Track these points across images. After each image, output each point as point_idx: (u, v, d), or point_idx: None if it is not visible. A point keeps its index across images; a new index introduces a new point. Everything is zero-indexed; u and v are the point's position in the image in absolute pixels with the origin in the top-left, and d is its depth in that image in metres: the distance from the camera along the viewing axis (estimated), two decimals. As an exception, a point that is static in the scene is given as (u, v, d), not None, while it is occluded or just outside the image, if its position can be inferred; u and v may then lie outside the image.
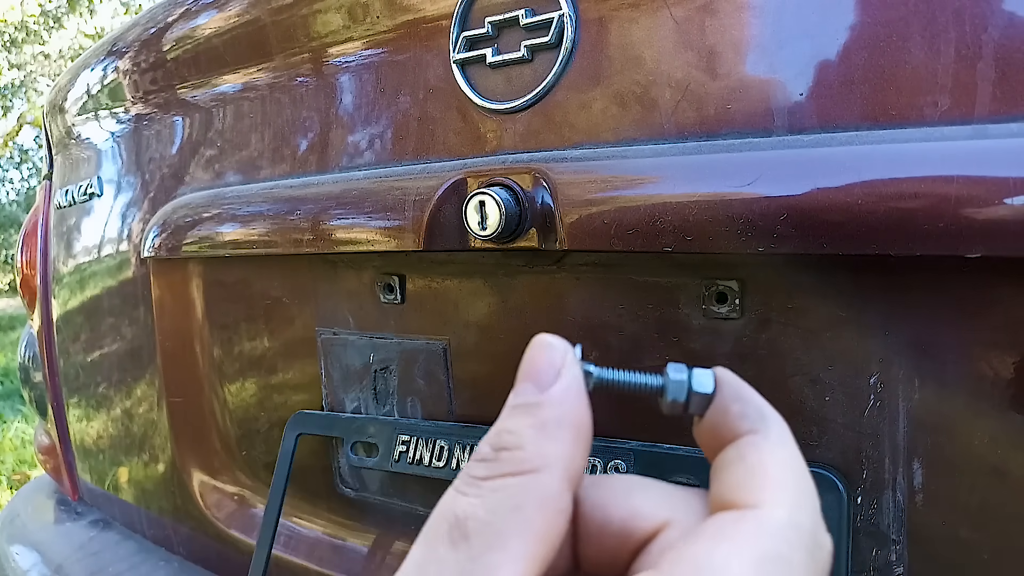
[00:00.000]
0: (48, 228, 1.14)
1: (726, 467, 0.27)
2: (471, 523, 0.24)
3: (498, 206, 0.54)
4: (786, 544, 0.24)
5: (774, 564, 0.23)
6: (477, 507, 0.24)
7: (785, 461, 0.27)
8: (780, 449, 0.28)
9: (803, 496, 0.26)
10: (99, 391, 1.06)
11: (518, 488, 0.24)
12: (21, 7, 10.38)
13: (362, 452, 0.74)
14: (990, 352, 0.44)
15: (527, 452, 0.25)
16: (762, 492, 0.26)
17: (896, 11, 0.44)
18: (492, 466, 0.25)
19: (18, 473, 3.20)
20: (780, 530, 0.24)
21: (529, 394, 0.27)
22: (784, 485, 0.26)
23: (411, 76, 0.65)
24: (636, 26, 0.53)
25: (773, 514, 0.25)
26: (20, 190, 14.20)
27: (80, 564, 0.98)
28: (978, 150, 0.40)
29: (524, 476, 0.25)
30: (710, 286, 0.53)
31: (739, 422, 0.28)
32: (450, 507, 0.25)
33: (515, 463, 0.25)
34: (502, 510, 0.24)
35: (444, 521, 0.24)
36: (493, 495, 0.24)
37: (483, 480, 0.25)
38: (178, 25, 0.84)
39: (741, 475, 0.26)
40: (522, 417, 0.26)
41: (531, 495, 0.24)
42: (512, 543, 0.23)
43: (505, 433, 0.26)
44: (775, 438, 0.28)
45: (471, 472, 0.26)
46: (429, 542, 0.24)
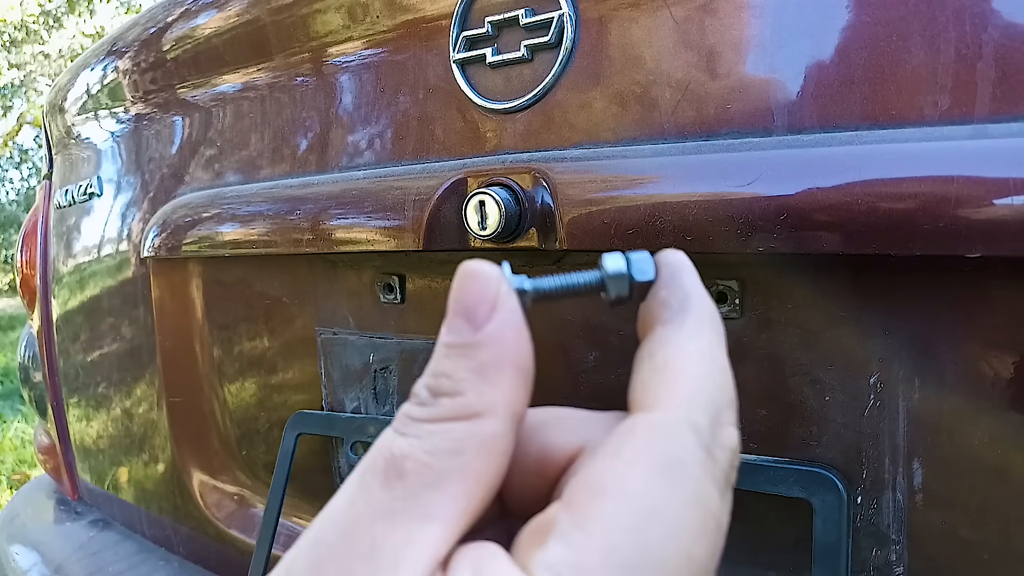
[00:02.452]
0: (48, 228, 1.14)
1: (639, 364, 0.26)
2: (408, 463, 0.23)
3: (498, 206, 0.54)
4: (681, 446, 0.23)
5: (670, 470, 0.23)
6: (416, 447, 0.23)
7: (693, 354, 0.26)
8: (692, 341, 0.26)
9: (705, 390, 0.25)
10: (99, 391, 1.06)
11: (459, 432, 0.23)
12: (21, 7, 10.38)
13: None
14: (990, 352, 0.44)
15: (467, 398, 0.24)
16: (660, 392, 0.25)
17: (896, 11, 0.44)
18: (431, 410, 0.24)
19: (18, 473, 3.20)
20: (675, 432, 0.23)
21: (463, 332, 0.25)
22: (685, 380, 0.25)
23: (411, 76, 0.65)
24: (636, 26, 0.53)
25: (667, 415, 0.24)
26: (20, 190, 14.20)
27: (80, 564, 0.98)
28: (978, 150, 0.40)
29: (465, 421, 0.24)
30: (710, 286, 0.53)
31: (660, 310, 0.27)
32: (387, 447, 0.24)
33: (455, 408, 0.24)
34: (441, 452, 0.23)
35: (380, 459, 0.23)
36: (432, 438, 0.23)
37: (421, 422, 0.24)
38: (178, 25, 0.84)
39: (647, 373, 0.26)
40: (458, 359, 0.24)
41: (472, 439, 0.23)
42: (449, 485, 0.23)
43: (443, 377, 0.24)
44: (689, 328, 0.26)
45: (409, 414, 0.24)
46: (363, 480, 0.23)
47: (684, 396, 0.24)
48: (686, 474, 0.23)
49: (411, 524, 0.22)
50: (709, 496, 0.23)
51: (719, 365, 0.26)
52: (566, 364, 0.61)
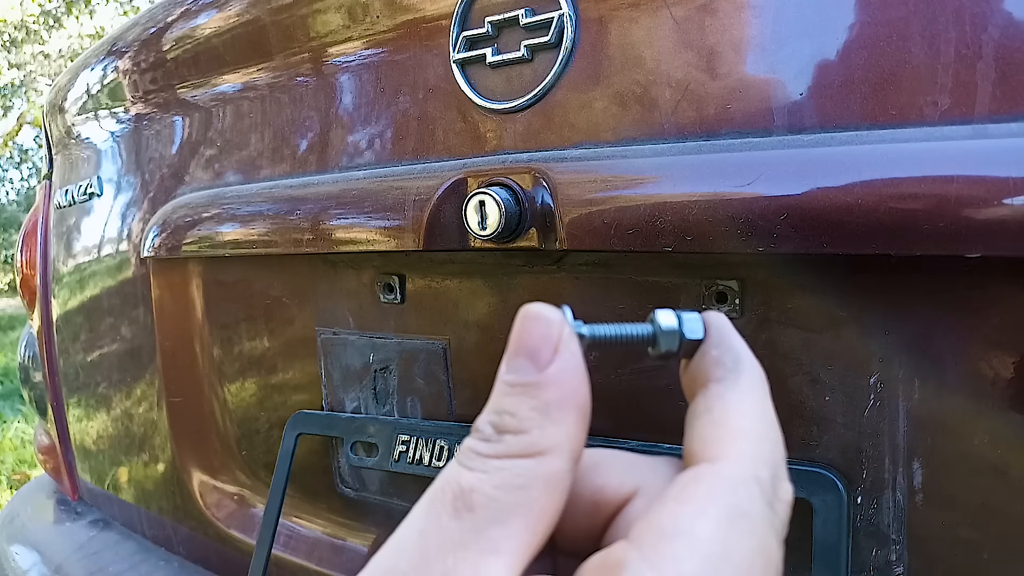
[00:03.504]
0: (48, 228, 1.14)
1: (696, 418, 0.28)
2: (476, 496, 0.24)
3: (498, 206, 0.54)
4: (748, 498, 0.24)
5: (738, 520, 0.24)
6: (484, 481, 0.24)
7: (750, 411, 0.27)
8: (747, 399, 0.27)
9: (765, 447, 0.26)
10: (99, 391, 1.06)
11: (525, 468, 0.24)
12: (21, 7, 10.38)
13: (362, 452, 0.74)
14: (990, 352, 0.44)
15: (532, 436, 0.25)
16: (724, 445, 0.26)
17: (896, 11, 0.44)
18: (497, 447, 0.25)
19: (18, 473, 3.20)
20: (741, 485, 0.25)
21: (526, 372, 0.26)
22: (746, 437, 0.26)
23: (411, 76, 0.65)
24: (636, 26, 0.53)
25: (734, 469, 0.25)
26: (20, 190, 14.20)
27: (80, 564, 0.98)
28: (978, 150, 0.40)
29: (531, 459, 0.25)
30: (710, 286, 0.53)
31: (714, 368, 0.28)
32: (455, 479, 0.25)
33: (521, 446, 0.25)
34: (508, 487, 0.24)
35: (448, 491, 0.24)
36: (499, 473, 0.24)
37: (488, 457, 0.25)
38: (178, 25, 0.84)
39: (706, 427, 0.27)
40: (522, 398, 0.26)
41: (537, 476, 0.24)
42: (515, 519, 0.24)
43: (507, 415, 0.26)
44: (744, 387, 0.28)
45: (475, 449, 0.25)
46: (431, 510, 0.24)
47: (747, 451, 0.26)
48: (753, 525, 0.24)
49: (480, 557, 0.23)
50: (771, 546, 0.24)
51: (773, 423, 0.28)
52: (566, 364, 0.61)
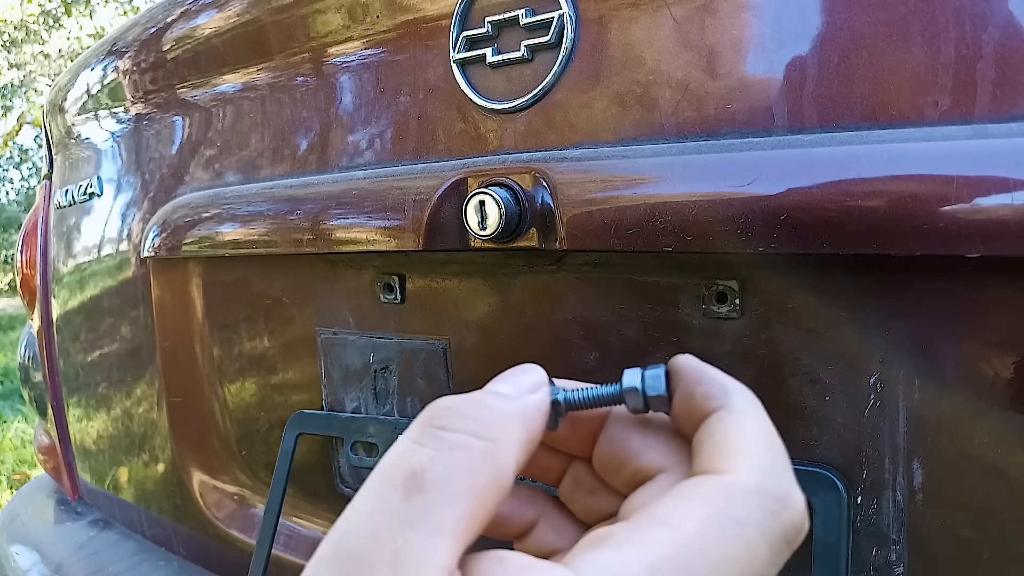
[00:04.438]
0: (48, 228, 1.14)
1: (701, 446, 0.29)
2: (428, 476, 0.24)
3: (498, 206, 0.54)
4: (742, 508, 0.26)
5: (726, 525, 0.25)
6: (436, 461, 0.25)
7: (749, 430, 0.29)
8: (744, 419, 0.29)
9: (770, 462, 0.28)
10: (99, 391, 1.06)
11: (478, 453, 0.26)
12: (21, 7, 10.37)
13: (362, 452, 0.74)
14: (990, 352, 0.44)
15: (492, 422, 0.27)
16: (728, 460, 0.28)
17: (896, 11, 0.44)
18: (456, 421, 0.26)
19: (18, 473, 3.20)
20: (739, 494, 0.26)
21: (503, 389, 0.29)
22: (749, 452, 0.28)
23: (411, 76, 0.65)
24: (636, 26, 0.53)
25: (735, 479, 0.27)
26: (20, 190, 14.20)
27: (80, 564, 0.98)
28: (978, 150, 0.40)
29: (485, 442, 0.26)
30: (710, 286, 0.53)
31: (705, 403, 0.30)
32: (406, 459, 0.25)
33: (480, 426, 0.26)
34: (460, 470, 0.25)
35: (400, 472, 0.25)
36: (452, 453, 0.25)
37: (442, 432, 0.26)
38: (178, 25, 0.84)
39: (712, 449, 0.29)
40: (495, 399, 0.28)
41: (488, 463, 0.26)
42: (463, 503, 0.24)
43: (475, 402, 0.27)
44: (739, 408, 0.30)
45: (431, 422, 0.26)
46: (381, 491, 0.25)
47: (750, 464, 0.27)
48: (740, 532, 0.25)
49: (428, 537, 0.23)
50: (757, 555, 0.26)
51: (774, 436, 0.29)
52: (566, 364, 0.61)
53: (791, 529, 0.27)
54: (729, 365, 0.53)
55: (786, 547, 0.27)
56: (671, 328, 0.55)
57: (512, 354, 0.64)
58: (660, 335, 0.56)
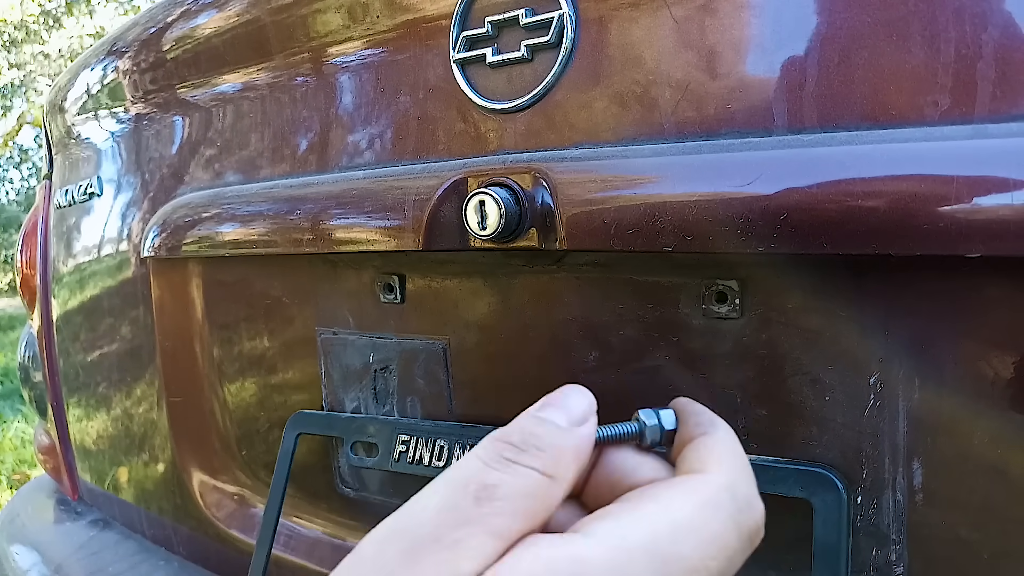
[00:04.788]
0: (48, 228, 1.14)
1: (686, 457, 0.36)
2: (500, 491, 0.30)
3: (498, 206, 0.54)
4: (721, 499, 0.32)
5: (709, 508, 0.31)
6: (507, 481, 0.30)
7: (728, 449, 0.36)
8: (724, 442, 0.36)
9: (741, 472, 0.35)
10: (99, 391, 1.06)
11: (540, 484, 0.31)
12: (21, 7, 10.37)
13: (362, 452, 0.74)
14: (990, 352, 0.44)
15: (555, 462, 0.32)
16: (708, 464, 0.34)
17: (896, 11, 0.44)
18: (522, 455, 0.31)
19: (18, 473, 3.20)
20: (717, 488, 0.33)
21: (559, 419, 0.34)
22: (725, 462, 0.34)
23: (411, 76, 0.65)
24: (636, 26, 0.53)
25: (715, 477, 0.33)
26: (20, 190, 14.21)
27: (80, 564, 0.98)
28: (978, 150, 0.40)
29: (545, 478, 0.31)
30: (710, 286, 0.53)
31: (695, 428, 0.37)
32: (479, 474, 0.31)
33: (543, 463, 0.31)
34: (524, 493, 0.30)
35: (473, 481, 0.30)
36: (519, 479, 0.30)
37: (511, 463, 0.31)
38: (178, 25, 0.84)
39: (695, 457, 0.35)
40: (554, 433, 0.33)
41: (543, 493, 0.31)
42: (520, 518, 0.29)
43: (535, 436, 0.32)
44: (721, 436, 0.37)
45: (500, 451, 0.32)
46: (452, 493, 0.30)
47: (726, 471, 0.34)
48: (720, 517, 0.32)
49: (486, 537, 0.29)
50: (730, 537, 0.32)
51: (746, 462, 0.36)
52: (566, 364, 0.61)
53: (754, 528, 0.33)
54: (729, 365, 0.53)
55: (749, 543, 0.33)
56: (671, 328, 0.55)
57: (512, 354, 0.64)
58: (660, 335, 0.56)
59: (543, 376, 0.62)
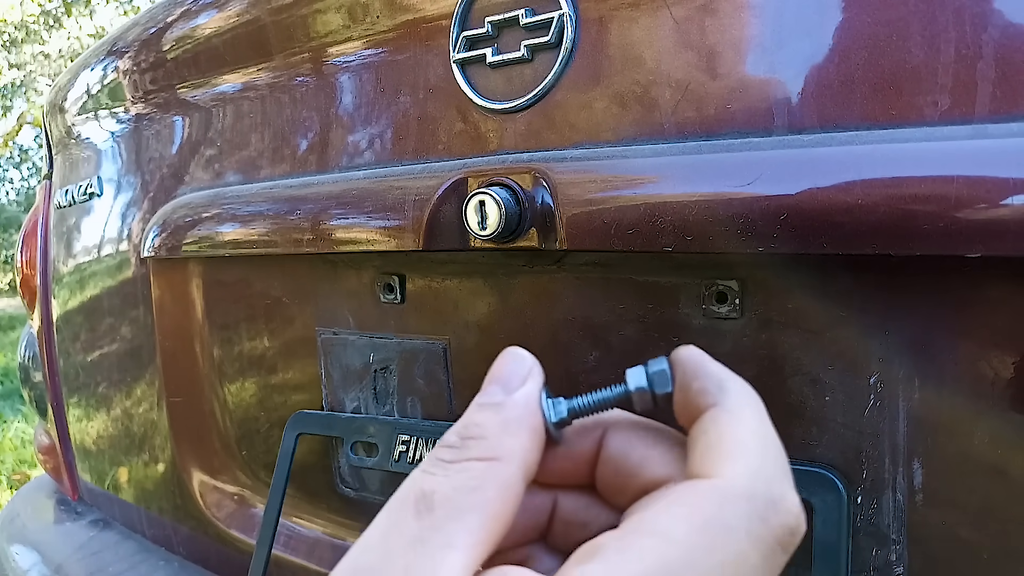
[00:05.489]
0: (48, 228, 1.14)
1: (695, 443, 0.29)
2: (436, 496, 0.27)
3: (498, 206, 0.54)
4: (733, 514, 0.26)
5: (716, 532, 0.26)
6: (443, 484, 0.27)
7: (744, 429, 0.29)
8: (739, 417, 0.29)
9: (762, 465, 0.28)
10: (99, 391, 1.06)
11: (481, 471, 0.27)
12: (21, 7, 10.37)
13: (362, 452, 0.74)
14: (990, 352, 0.44)
15: (491, 442, 0.28)
16: (720, 464, 0.28)
17: (896, 11, 0.44)
18: (458, 452, 0.28)
19: (18, 473, 3.20)
20: (729, 500, 0.26)
21: (496, 395, 0.30)
22: (741, 455, 0.28)
23: (411, 76, 0.65)
24: (636, 26, 0.53)
25: (726, 484, 0.27)
26: (20, 190, 14.20)
27: (80, 564, 0.98)
28: (978, 150, 0.40)
29: (487, 462, 0.28)
30: (710, 286, 0.53)
31: (701, 398, 0.30)
32: (417, 483, 0.28)
33: (479, 450, 0.28)
34: (465, 488, 0.27)
35: (411, 494, 0.27)
36: (458, 475, 0.27)
37: (449, 463, 0.28)
38: (178, 25, 0.84)
39: (703, 450, 0.29)
40: (488, 413, 0.29)
41: (491, 479, 0.27)
42: (470, 517, 0.26)
43: (472, 425, 0.29)
44: (734, 407, 0.29)
45: (438, 456, 0.29)
46: (394, 513, 0.27)
47: (742, 469, 0.27)
48: (729, 539, 0.26)
49: (438, 551, 0.25)
50: (747, 561, 0.26)
51: (770, 436, 0.29)
52: (566, 364, 0.61)
53: (784, 533, 0.27)
54: (729, 365, 0.53)
55: (780, 551, 0.27)
56: (671, 328, 0.55)
57: (512, 354, 0.64)
58: (660, 335, 0.56)
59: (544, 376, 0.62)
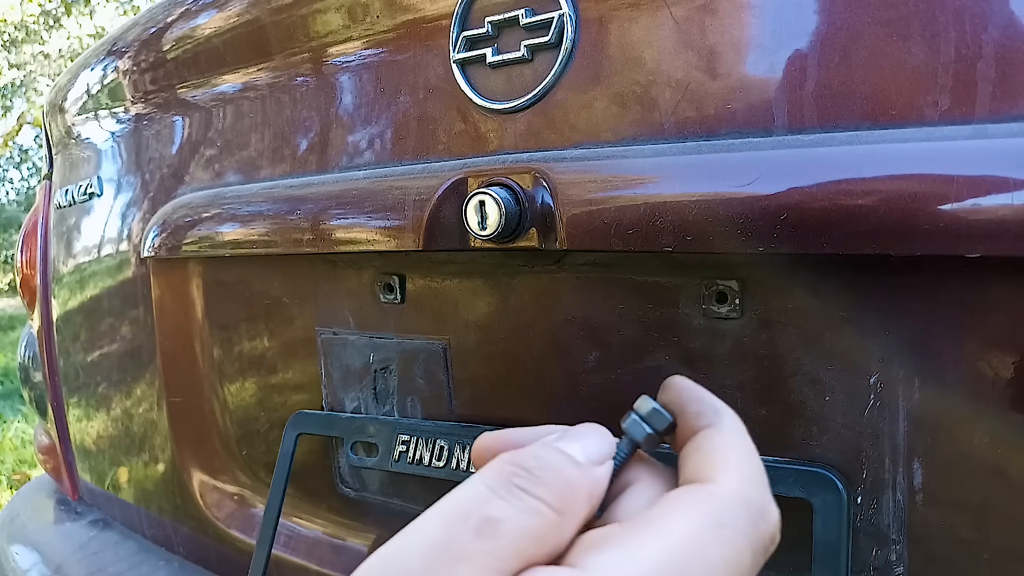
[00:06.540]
0: (48, 228, 1.14)
1: (688, 457, 0.32)
2: (505, 526, 0.27)
3: (498, 206, 0.54)
4: (731, 514, 0.29)
5: (717, 529, 0.28)
6: (514, 517, 0.27)
7: (737, 448, 0.32)
8: (732, 438, 0.32)
9: (753, 476, 0.31)
10: (99, 391, 1.06)
11: (547, 522, 0.28)
12: (21, 7, 10.37)
13: (362, 452, 0.74)
14: (990, 352, 0.44)
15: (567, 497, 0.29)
16: (716, 471, 0.30)
17: (896, 11, 0.44)
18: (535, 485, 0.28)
19: (18, 473, 3.20)
20: (727, 501, 0.29)
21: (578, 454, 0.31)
22: (736, 466, 0.31)
23: (411, 76, 0.65)
24: (636, 26, 0.53)
25: (723, 488, 0.30)
26: (20, 190, 14.21)
27: (80, 564, 0.98)
28: (978, 150, 0.40)
29: (556, 514, 0.28)
30: (710, 286, 0.53)
31: (697, 420, 0.33)
32: (484, 505, 0.28)
33: (555, 497, 0.28)
34: (531, 533, 0.27)
35: (474, 515, 0.27)
36: (527, 516, 0.28)
37: (522, 491, 0.28)
38: (178, 25, 0.84)
39: (699, 461, 0.32)
40: (570, 468, 0.30)
41: (550, 534, 0.28)
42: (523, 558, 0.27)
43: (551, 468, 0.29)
44: (728, 429, 0.33)
45: (512, 477, 0.29)
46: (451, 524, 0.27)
47: (736, 477, 0.30)
48: (728, 536, 0.28)
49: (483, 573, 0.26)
50: (742, 559, 0.28)
51: (756, 456, 0.32)
52: (566, 364, 0.61)
53: (768, 540, 0.30)
54: (729, 365, 0.53)
55: (763, 555, 0.29)
56: (671, 328, 0.55)
57: (512, 354, 0.64)
58: (660, 335, 0.56)
59: (543, 376, 0.62)
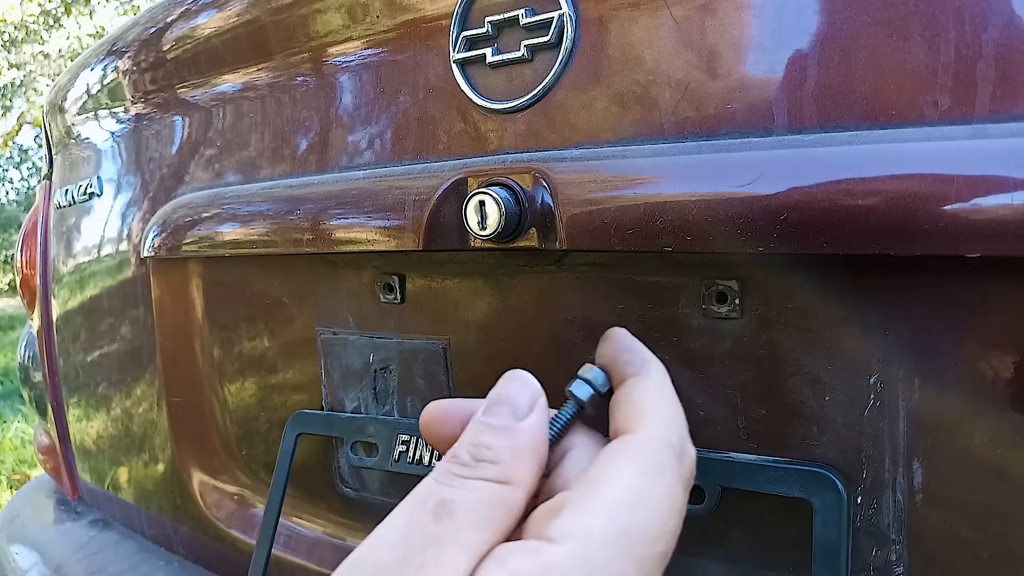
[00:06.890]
0: (48, 228, 1.14)
1: (618, 405, 0.37)
2: (456, 505, 0.30)
3: (498, 206, 0.54)
4: (661, 457, 0.34)
5: (653, 470, 0.33)
6: (461, 495, 0.31)
7: (660, 396, 0.37)
8: (656, 387, 0.37)
9: (673, 421, 0.36)
10: (99, 391, 1.06)
11: (493, 492, 0.31)
12: (21, 7, 10.37)
13: (362, 452, 0.74)
14: (990, 352, 0.44)
15: (503, 468, 0.32)
16: (643, 420, 0.35)
17: (896, 11, 0.44)
18: (472, 470, 0.32)
19: (18, 473, 3.20)
20: (655, 446, 0.34)
21: (504, 417, 0.34)
22: (659, 414, 0.36)
23: (411, 76, 0.65)
24: (636, 26, 0.53)
25: (650, 435, 0.34)
26: (20, 190, 14.21)
27: (80, 564, 0.98)
28: (978, 150, 0.40)
29: (501, 485, 0.32)
30: (710, 286, 0.53)
31: (627, 368, 0.38)
32: (435, 492, 0.31)
33: (493, 472, 0.32)
34: (482, 503, 0.31)
35: (429, 500, 0.31)
36: (474, 491, 0.31)
37: (464, 479, 0.32)
38: (178, 25, 0.84)
39: (628, 409, 0.36)
40: (499, 438, 0.33)
41: (502, 500, 0.31)
42: (484, 528, 0.30)
43: (484, 447, 0.33)
44: (653, 378, 0.38)
45: (451, 470, 0.32)
46: (412, 514, 0.30)
47: (660, 424, 0.35)
48: (663, 475, 0.33)
49: (454, 550, 0.29)
50: (677, 491, 0.33)
51: (677, 404, 0.37)
52: (566, 364, 0.61)
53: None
54: (729, 365, 0.53)
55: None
56: (671, 328, 0.55)
57: (512, 354, 0.64)
58: (660, 335, 0.56)
59: (543, 376, 0.62)
